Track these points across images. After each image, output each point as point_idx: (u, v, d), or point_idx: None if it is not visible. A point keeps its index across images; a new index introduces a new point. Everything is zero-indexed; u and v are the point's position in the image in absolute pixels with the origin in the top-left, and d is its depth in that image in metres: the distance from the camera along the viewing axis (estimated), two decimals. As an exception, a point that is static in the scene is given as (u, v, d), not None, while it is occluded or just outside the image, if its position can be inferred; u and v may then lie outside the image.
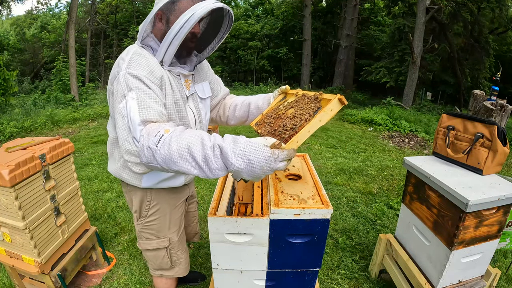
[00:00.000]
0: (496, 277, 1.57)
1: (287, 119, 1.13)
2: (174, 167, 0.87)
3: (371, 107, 8.48)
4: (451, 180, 1.42)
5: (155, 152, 0.88)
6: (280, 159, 0.83)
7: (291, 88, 1.44)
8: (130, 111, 0.97)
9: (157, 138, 0.88)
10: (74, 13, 8.92)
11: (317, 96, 1.15)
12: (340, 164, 4.15)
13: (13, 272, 1.73)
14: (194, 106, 1.29)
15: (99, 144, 5.17)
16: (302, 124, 1.03)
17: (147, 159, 0.91)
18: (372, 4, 14.86)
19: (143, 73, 1.03)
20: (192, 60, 1.26)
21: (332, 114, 1.00)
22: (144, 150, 0.91)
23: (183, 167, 0.86)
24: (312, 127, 0.99)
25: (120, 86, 1.01)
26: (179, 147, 0.85)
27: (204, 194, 3.21)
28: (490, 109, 2.11)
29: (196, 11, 1.03)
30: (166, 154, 0.86)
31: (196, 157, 0.84)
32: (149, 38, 1.15)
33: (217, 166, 0.83)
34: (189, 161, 0.85)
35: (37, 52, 17.77)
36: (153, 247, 1.37)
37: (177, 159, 0.85)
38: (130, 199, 1.34)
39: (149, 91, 1.01)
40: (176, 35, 1.05)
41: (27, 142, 1.68)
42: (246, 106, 1.45)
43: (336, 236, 2.49)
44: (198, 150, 0.84)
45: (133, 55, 1.07)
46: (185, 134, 0.87)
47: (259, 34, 15.21)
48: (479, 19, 10.14)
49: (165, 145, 0.86)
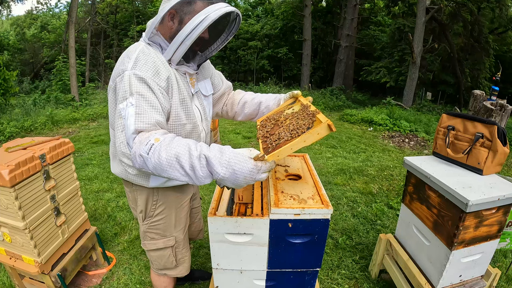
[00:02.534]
0: (496, 277, 1.57)
1: (282, 128, 1.16)
2: (164, 174, 0.93)
3: (371, 107, 8.47)
4: (451, 180, 1.42)
5: (146, 160, 0.93)
6: (262, 171, 0.90)
7: (293, 90, 1.45)
8: (128, 117, 0.99)
9: (147, 147, 0.92)
10: (74, 13, 8.92)
11: (314, 113, 1.14)
12: (340, 164, 4.15)
13: (13, 272, 1.73)
14: (200, 104, 1.30)
15: (99, 144, 5.17)
16: (288, 140, 1.05)
17: (140, 165, 0.96)
18: (372, 4, 14.86)
19: (149, 74, 1.03)
20: (196, 59, 1.27)
21: (319, 137, 1.02)
22: (136, 157, 0.95)
23: (172, 175, 0.91)
24: (295, 145, 1.01)
25: (123, 85, 1.01)
26: (168, 156, 0.90)
27: (204, 194, 3.21)
28: (490, 109, 2.11)
29: (210, 14, 1.04)
30: (156, 163, 0.91)
31: (184, 165, 0.89)
32: (157, 36, 1.14)
33: (202, 174, 0.89)
34: (177, 169, 0.90)
35: (37, 52, 17.77)
36: (159, 247, 1.37)
37: (167, 168, 0.90)
38: (135, 199, 1.34)
39: (150, 97, 1.02)
40: (188, 35, 1.05)
41: (27, 142, 1.68)
42: (256, 105, 1.47)
43: (336, 236, 2.49)
44: (186, 159, 0.89)
45: (139, 54, 1.06)
46: (173, 143, 0.92)
47: (259, 34, 15.21)
48: (479, 19, 10.14)
49: (155, 154, 0.91)
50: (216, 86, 1.47)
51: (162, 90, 1.06)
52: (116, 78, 1.05)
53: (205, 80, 1.36)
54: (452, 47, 10.39)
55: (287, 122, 1.19)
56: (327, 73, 15.44)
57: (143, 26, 14.53)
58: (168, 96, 1.10)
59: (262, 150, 1.11)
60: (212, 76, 1.44)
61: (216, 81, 1.47)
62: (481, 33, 10.33)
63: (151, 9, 15.46)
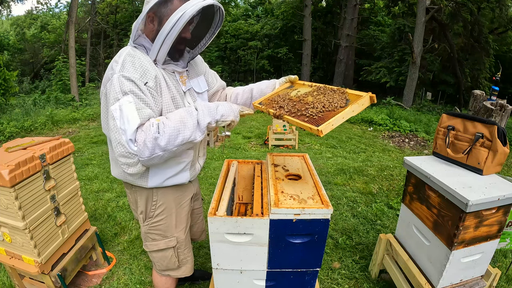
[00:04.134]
0: (496, 277, 1.56)
1: (313, 103, 1.19)
2: (178, 140, 1.05)
3: (371, 107, 8.47)
4: (451, 180, 1.42)
5: (159, 140, 1.02)
6: (240, 112, 1.21)
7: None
8: (128, 114, 1.00)
9: (155, 128, 1.02)
10: (74, 13, 8.92)
11: (343, 90, 1.22)
12: (340, 164, 4.15)
13: (13, 272, 1.73)
14: (192, 101, 1.30)
15: (99, 144, 5.17)
16: (337, 110, 1.10)
17: (150, 152, 1.03)
18: (372, 4, 14.85)
19: (136, 75, 1.05)
20: (185, 56, 1.28)
21: (363, 108, 1.10)
22: (146, 144, 1.02)
23: (183, 135, 1.05)
24: (347, 114, 1.06)
25: (113, 88, 1.03)
26: (175, 121, 1.05)
27: (204, 194, 3.21)
28: (490, 109, 2.11)
29: (187, 10, 1.04)
30: (169, 133, 1.03)
31: (187, 122, 1.06)
32: (142, 37, 1.16)
33: (202, 114, 1.10)
34: (186, 125, 1.06)
35: (37, 52, 17.76)
36: (161, 248, 1.37)
37: (179, 126, 1.05)
38: (135, 200, 1.34)
39: (142, 95, 1.05)
40: (168, 34, 1.07)
41: (27, 142, 1.68)
42: (249, 92, 1.48)
43: (336, 236, 2.49)
44: (186, 115, 1.08)
45: (126, 57, 1.08)
46: (170, 115, 1.08)
47: (259, 34, 15.20)
48: (479, 19, 10.14)
49: (165, 128, 1.03)
50: (210, 83, 1.48)
51: (151, 90, 1.09)
52: (107, 83, 1.07)
53: (198, 77, 1.37)
54: (452, 47, 10.39)
55: (309, 99, 1.23)
56: (327, 73, 15.43)
57: (143, 26, 14.51)
58: (158, 94, 1.13)
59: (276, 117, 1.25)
60: (206, 73, 1.46)
61: (210, 79, 1.48)
62: (481, 33, 10.34)
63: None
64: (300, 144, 5.32)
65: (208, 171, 3.88)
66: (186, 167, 1.29)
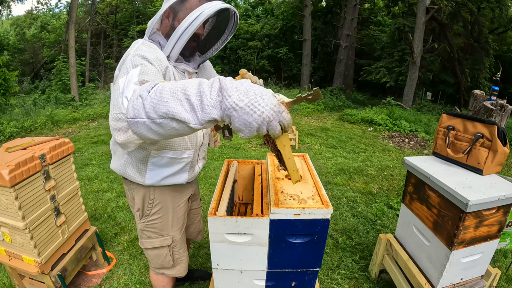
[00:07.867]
0: (496, 277, 1.57)
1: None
2: (162, 110, 0.77)
3: (371, 107, 8.48)
4: (451, 180, 1.42)
5: (144, 100, 0.80)
6: (282, 116, 0.76)
7: (292, 89, 1.45)
8: (132, 78, 0.94)
9: (150, 86, 0.82)
10: (74, 13, 8.92)
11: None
12: (340, 164, 4.15)
13: (13, 272, 1.73)
14: None
15: (99, 144, 5.17)
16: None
17: (134, 112, 0.82)
18: (372, 4, 14.85)
19: (151, 56, 1.06)
20: (196, 59, 1.30)
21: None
22: (133, 102, 0.83)
23: (172, 108, 0.76)
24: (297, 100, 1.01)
25: (125, 65, 1.04)
26: (173, 87, 0.78)
27: (204, 194, 3.21)
28: (490, 109, 2.11)
29: (204, 10, 1.09)
30: (157, 97, 0.78)
31: (190, 95, 0.76)
32: (157, 34, 1.18)
33: (211, 100, 0.74)
34: (180, 100, 0.76)
35: (37, 52, 17.76)
36: (156, 246, 1.37)
37: (168, 98, 0.77)
38: (132, 197, 1.34)
39: (151, 68, 1.03)
40: (184, 31, 1.10)
41: (27, 142, 1.68)
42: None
43: (336, 236, 2.49)
44: (194, 87, 0.76)
45: (141, 45, 1.11)
46: (183, 81, 0.81)
47: (259, 34, 15.21)
48: (479, 19, 10.14)
49: (158, 90, 0.79)
50: None
51: (161, 73, 1.09)
52: (121, 66, 1.07)
53: None
54: (452, 47, 10.39)
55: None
56: (327, 73, 15.43)
57: (143, 26, 14.54)
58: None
59: None
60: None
61: None
62: (481, 33, 10.34)
63: (151, 9, 15.47)
64: (300, 144, 5.32)
65: (208, 171, 3.88)
66: (185, 168, 1.29)
